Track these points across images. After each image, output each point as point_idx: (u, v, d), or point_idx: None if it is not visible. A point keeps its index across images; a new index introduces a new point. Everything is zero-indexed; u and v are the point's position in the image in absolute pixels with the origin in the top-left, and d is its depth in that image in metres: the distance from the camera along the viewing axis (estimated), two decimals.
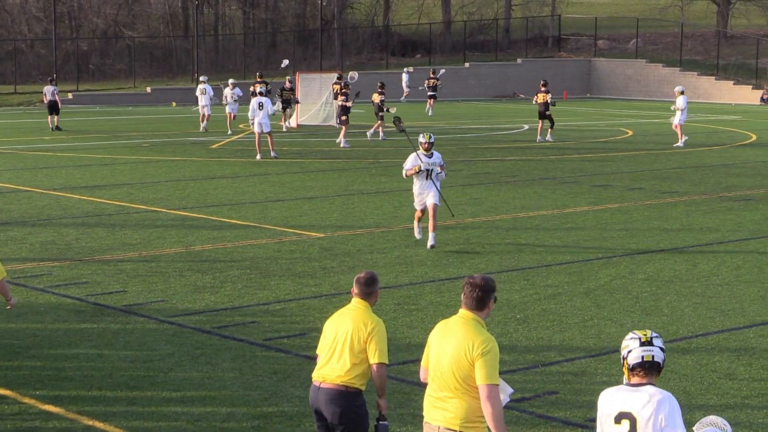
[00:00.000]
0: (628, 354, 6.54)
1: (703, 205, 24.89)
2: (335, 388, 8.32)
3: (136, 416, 10.95)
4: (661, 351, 6.51)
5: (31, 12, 74.20)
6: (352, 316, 8.46)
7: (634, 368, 6.50)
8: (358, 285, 8.59)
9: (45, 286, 16.41)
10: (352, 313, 8.50)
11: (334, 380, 8.33)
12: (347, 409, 8.32)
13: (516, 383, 11.99)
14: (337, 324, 8.52)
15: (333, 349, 8.40)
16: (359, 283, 8.59)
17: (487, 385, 7.39)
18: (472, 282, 7.64)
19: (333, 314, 8.77)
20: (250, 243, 19.88)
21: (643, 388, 6.46)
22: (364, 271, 8.72)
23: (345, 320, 8.48)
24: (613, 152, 36.59)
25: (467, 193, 26.38)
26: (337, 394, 8.32)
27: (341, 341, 8.38)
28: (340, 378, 8.32)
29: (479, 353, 7.42)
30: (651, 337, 6.56)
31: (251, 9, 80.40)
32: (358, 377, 8.35)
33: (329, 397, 8.32)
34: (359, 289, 8.56)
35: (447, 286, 16.56)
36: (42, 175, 29.29)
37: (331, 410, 8.31)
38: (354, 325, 8.39)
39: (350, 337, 8.35)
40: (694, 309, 15.39)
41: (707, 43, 78.19)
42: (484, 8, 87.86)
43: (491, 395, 7.39)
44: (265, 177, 29.10)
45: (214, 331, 14.06)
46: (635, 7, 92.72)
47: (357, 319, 8.43)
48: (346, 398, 8.31)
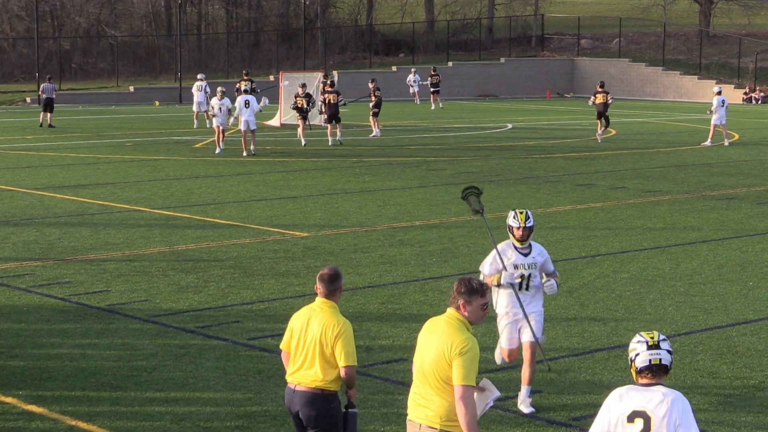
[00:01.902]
0: (636, 357, 6.56)
1: (686, 204, 24.96)
2: (310, 391, 8.32)
3: (119, 416, 10.93)
4: (668, 353, 6.55)
5: (13, 10, 73.95)
6: (319, 320, 8.35)
7: (642, 371, 6.53)
8: (321, 282, 8.41)
9: (28, 286, 16.36)
10: (318, 315, 8.38)
11: (309, 384, 8.32)
12: (323, 411, 8.34)
13: (500, 382, 11.99)
14: (304, 325, 8.43)
15: (304, 354, 8.37)
16: (323, 280, 8.40)
17: (461, 386, 7.39)
18: (462, 281, 7.68)
19: (299, 311, 8.64)
20: (234, 242, 19.86)
21: (654, 388, 6.50)
22: (327, 267, 8.51)
23: (312, 323, 8.37)
24: (597, 151, 36.67)
25: (451, 192, 26.38)
26: (313, 397, 8.32)
27: (311, 347, 8.34)
28: (314, 382, 8.30)
29: (457, 353, 7.43)
30: (658, 340, 6.58)
31: (234, 8, 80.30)
32: (332, 381, 8.35)
33: (305, 400, 8.33)
34: (324, 287, 8.41)
35: (431, 286, 16.56)
36: (24, 175, 29.20)
37: (306, 413, 8.33)
38: (322, 329, 8.31)
39: (320, 343, 8.30)
40: (677, 308, 15.43)
41: (690, 42, 78.43)
42: (468, 8, 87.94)
43: (465, 396, 7.39)
44: (248, 176, 29.06)
45: (197, 330, 14.04)
46: (618, 6, 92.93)
47: (324, 322, 8.33)
48: (322, 401, 8.32)
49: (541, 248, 11.58)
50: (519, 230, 11.41)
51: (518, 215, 11.58)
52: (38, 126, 43.09)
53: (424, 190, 26.86)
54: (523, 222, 11.47)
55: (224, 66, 69.87)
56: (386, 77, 68.98)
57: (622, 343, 13.53)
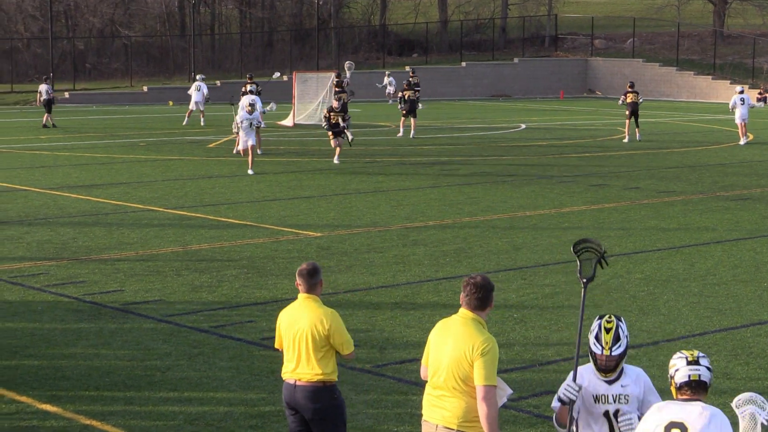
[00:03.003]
0: (675, 373, 6.67)
1: (700, 205, 24.90)
2: (312, 384, 8.44)
3: (133, 415, 10.95)
4: (707, 370, 6.64)
5: (27, 11, 74.11)
6: (307, 315, 8.51)
7: (681, 387, 6.62)
8: (301, 278, 8.58)
9: (42, 286, 16.39)
10: (305, 311, 8.54)
11: (311, 378, 8.41)
12: (327, 403, 8.46)
13: (513, 382, 11.99)
14: (292, 323, 8.58)
15: (298, 351, 8.50)
16: (302, 275, 8.57)
17: (484, 386, 7.40)
18: (474, 282, 7.66)
19: (286, 309, 8.78)
20: (248, 242, 19.87)
21: (693, 402, 6.56)
22: (306, 263, 8.67)
23: (301, 320, 8.53)
24: (611, 151, 36.60)
25: (464, 193, 26.38)
26: (316, 391, 8.44)
27: (304, 343, 8.48)
28: (315, 376, 8.41)
29: (479, 353, 7.43)
30: (698, 356, 6.69)
31: (248, 8, 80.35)
32: (331, 372, 8.48)
33: (307, 394, 8.42)
34: (304, 282, 8.57)
35: (444, 286, 16.55)
36: (39, 174, 29.27)
37: (311, 407, 8.41)
38: (311, 324, 8.46)
39: (311, 338, 8.45)
40: (692, 308, 15.40)
41: (704, 42, 78.23)
42: (481, 8, 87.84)
43: (488, 396, 7.40)
44: (262, 176, 29.08)
45: (211, 330, 14.06)
46: (632, 6, 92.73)
47: (312, 317, 8.49)
48: (325, 393, 8.47)
49: (639, 373, 7.71)
50: (603, 358, 7.51)
51: (602, 335, 7.57)
52: (41, 127, 43.16)
53: (437, 190, 26.84)
54: (609, 348, 7.50)
55: (237, 66, 69.91)
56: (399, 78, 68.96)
57: (636, 344, 13.51)
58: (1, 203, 24.28)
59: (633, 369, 7.67)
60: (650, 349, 13.35)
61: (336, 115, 31.94)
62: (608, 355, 7.46)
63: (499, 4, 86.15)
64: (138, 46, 73.03)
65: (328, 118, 32.00)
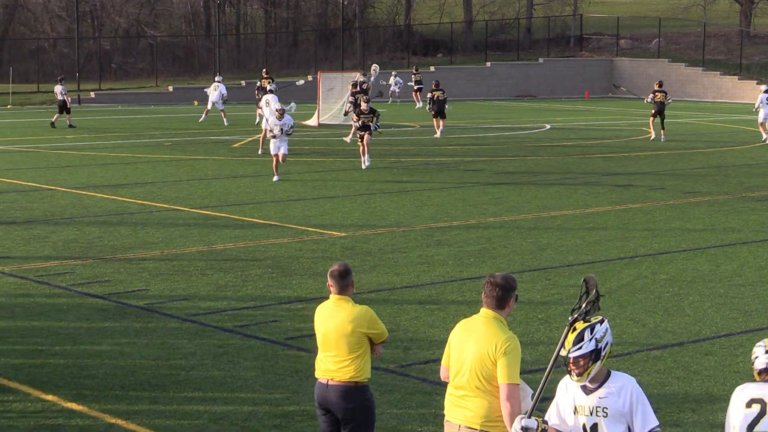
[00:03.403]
0: (755, 360, 7.18)
1: (726, 205, 24.79)
2: (344, 384, 8.47)
3: (157, 415, 10.98)
4: None
5: (53, 11, 74.47)
6: (341, 317, 8.53)
7: (761, 372, 7.11)
8: (333, 279, 8.61)
9: (67, 285, 16.46)
10: (339, 313, 8.57)
11: (343, 378, 8.44)
12: (359, 404, 8.50)
13: (537, 383, 11.95)
14: (325, 323, 8.63)
15: (331, 351, 8.52)
16: (334, 276, 8.60)
17: (507, 385, 7.41)
18: (493, 281, 7.65)
19: (320, 307, 8.79)
20: (272, 242, 19.90)
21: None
22: (337, 264, 8.68)
23: (334, 321, 8.56)
24: (635, 152, 36.49)
25: (489, 193, 26.35)
26: (348, 391, 8.48)
27: (338, 344, 8.51)
28: (348, 375, 8.43)
29: (502, 352, 7.43)
30: None
31: (273, 8, 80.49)
32: (362, 371, 8.53)
33: (340, 394, 8.46)
34: (336, 284, 8.60)
35: (468, 286, 16.54)
36: (64, 174, 29.40)
37: (343, 406, 8.46)
38: (346, 325, 8.50)
39: (346, 339, 8.48)
40: (717, 310, 15.33)
41: (730, 42, 77.88)
42: (506, 8, 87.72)
43: (511, 395, 7.41)
44: (286, 176, 29.11)
45: (236, 329, 14.08)
46: (658, 6, 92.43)
47: (347, 318, 8.52)
48: (357, 393, 8.51)
49: (625, 383, 6.89)
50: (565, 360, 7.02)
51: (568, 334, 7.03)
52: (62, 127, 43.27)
53: (461, 190, 26.82)
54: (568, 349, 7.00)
55: (262, 66, 69.92)
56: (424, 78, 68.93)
57: (661, 345, 13.47)
58: (28, 203, 24.40)
59: (620, 378, 6.88)
60: (675, 350, 13.30)
61: (366, 117, 31.08)
62: (565, 355, 7.00)
63: (524, 4, 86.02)
64: (163, 46, 73.26)
65: (359, 121, 31.14)
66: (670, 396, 11.58)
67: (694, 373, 12.34)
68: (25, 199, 24.87)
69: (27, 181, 27.82)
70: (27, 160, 32.69)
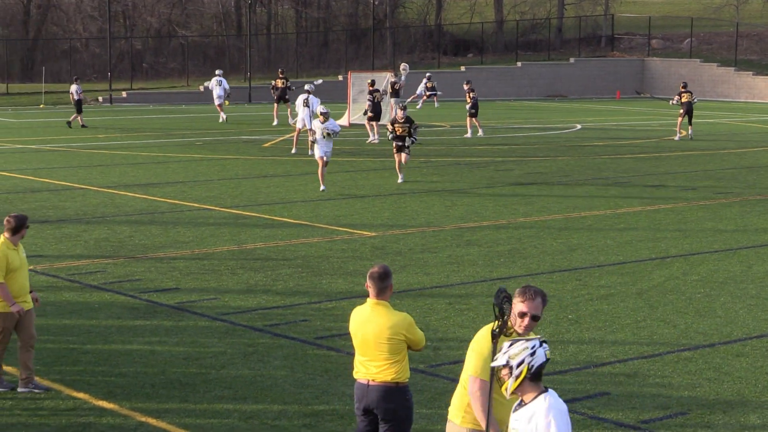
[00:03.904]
0: None
1: (758, 206, 24.64)
2: (385, 385, 8.49)
3: (188, 413, 11.02)
4: None
5: (86, 11, 74.85)
6: (380, 322, 8.50)
7: None
8: (372, 280, 8.53)
9: (99, 283, 16.55)
10: (377, 318, 8.53)
11: (385, 378, 8.45)
12: (400, 404, 8.55)
13: (567, 383, 11.95)
14: (362, 326, 8.60)
15: (371, 354, 8.51)
16: (373, 278, 8.52)
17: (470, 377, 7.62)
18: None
19: (356, 311, 8.74)
20: (302, 242, 19.94)
21: None
22: (378, 265, 8.62)
23: (372, 325, 8.53)
24: (667, 152, 36.33)
25: (519, 193, 26.30)
26: (389, 392, 8.51)
27: (378, 348, 8.50)
28: (389, 377, 8.44)
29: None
30: None
31: (304, 8, 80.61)
32: (403, 372, 8.55)
33: (381, 395, 8.47)
34: (374, 286, 8.52)
35: (498, 286, 16.48)
36: (96, 173, 29.54)
37: (383, 407, 8.49)
38: (385, 330, 8.48)
39: (387, 344, 8.47)
40: (749, 311, 15.25)
41: (763, 42, 77.40)
42: (537, 8, 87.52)
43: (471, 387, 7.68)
44: (316, 176, 29.12)
45: (266, 329, 14.12)
46: (690, 6, 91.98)
47: (386, 323, 8.50)
48: (398, 394, 8.53)
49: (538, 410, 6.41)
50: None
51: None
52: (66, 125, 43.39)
53: (492, 190, 26.78)
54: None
55: (293, 66, 70.14)
56: (454, 78, 68.87)
57: (692, 346, 13.41)
58: (60, 201, 24.54)
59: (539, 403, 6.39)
60: (706, 351, 13.24)
61: (401, 126, 27.73)
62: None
63: (555, 3, 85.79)
64: (194, 46, 73.49)
65: (393, 131, 27.76)
66: (701, 397, 11.52)
67: (725, 375, 12.28)
68: (57, 198, 25.01)
69: (59, 180, 27.98)
70: (59, 159, 32.87)
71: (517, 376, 6.41)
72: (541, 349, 6.47)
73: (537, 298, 7.38)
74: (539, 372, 6.43)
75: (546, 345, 6.52)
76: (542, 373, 6.46)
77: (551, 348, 7.70)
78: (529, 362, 6.41)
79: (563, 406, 6.41)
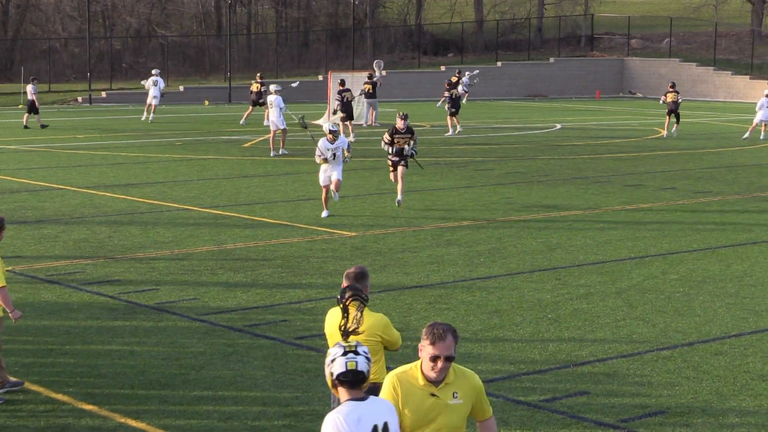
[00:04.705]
0: None
1: (737, 205, 24.75)
2: None
3: (167, 414, 11.00)
4: None
5: (65, 11, 74.61)
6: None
7: None
8: (348, 280, 8.52)
9: (78, 284, 16.50)
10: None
11: None
12: None
13: (547, 383, 11.98)
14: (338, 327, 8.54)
15: None
16: (349, 278, 8.52)
17: None
18: None
19: (330, 315, 8.72)
20: (282, 242, 19.92)
21: None
22: (355, 266, 8.64)
23: None
24: (646, 152, 36.44)
25: (499, 193, 26.33)
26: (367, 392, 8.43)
27: None
28: None
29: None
30: None
31: (284, 8, 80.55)
32: (380, 372, 8.55)
33: None
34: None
35: (478, 286, 16.53)
36: (75, 174, 29.45)
37: None
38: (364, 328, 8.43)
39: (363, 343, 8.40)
40: (728, 309, 15.31)
41: (741, 42, 77.73)
42: (517, 7, 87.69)
43: None
44: (297, 176, 29.14)
45: (245, 329, 14.10)
46: (669, 6, 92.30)
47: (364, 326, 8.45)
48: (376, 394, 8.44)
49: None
50: None
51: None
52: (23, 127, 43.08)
53: (471, 190, 26.81)
54: None
55: (273, 66, 70.10)
56: (434, 77, 68.94)
57: (671, 345, 13.46)
58: (39, 202, 24.45)
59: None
60: (685, 350, 13.28)
61: (401, 138, 23.95)
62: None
63: (535, 3, 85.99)
64: (174, 46, 73.35)
65: (391, 142, 23.94)
66: (680, 396, 11.56)
67: (704, 373, 12.32)
68: (36, 199, 24.93)
69: (38, 181, 27.88)
70: (38, 160, 32.76)
71: (328, 377, 6.44)
72: (342, 359, 6.37)
73: (447, 337, 6.78)
74: (347, 380, 6.37)
75: (353, 355, 6.39)
76: (353, 381, 6.36)
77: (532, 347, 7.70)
78: (330, 368, 6.42)
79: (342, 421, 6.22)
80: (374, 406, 6.40)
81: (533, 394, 11.53)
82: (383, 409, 6.45)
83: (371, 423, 6.30)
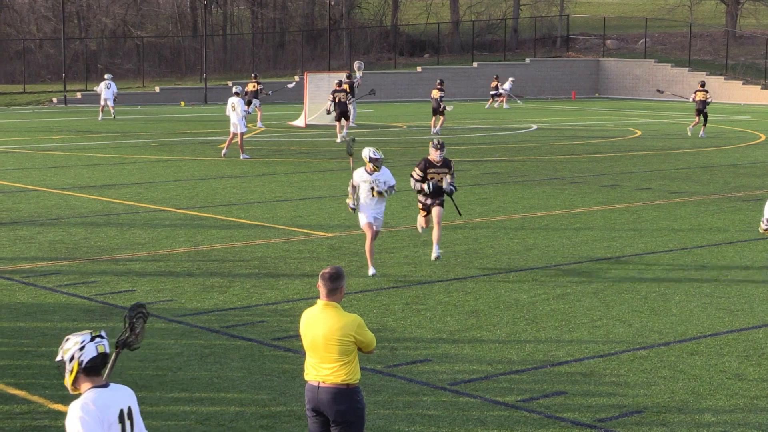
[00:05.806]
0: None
1: (712, 206, 24.86)
2: (336, 386, 8.44)
3: (144, 415, 10.89)
4: None
5: (39, 11, 74.30)
6: (330, 324, 8.45)
7: None
8: (323, 281, 8.49)
9: (54, 286, 16.43)
10: (327, 320, 8.48)
11: (334, 380, 8.41)
12: (350, 406, 8.48)
13: (524, 383, 12.00)
14: (313, 328, 8.54)
15: (321, 356, 8.46)
16: (324, 279, 8.49)
17: None
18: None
19: (306, 312, 8.68)
20: (259, 242, 19.89)
21: None
22: (330, 267, 8.60)
23: (322, 327, 8.47)
24: (622, 152, 36.55)
25: (476, 193, 26.37)
26: (339, 393, 8.46)
27: (328, 349, 8.45)
28: (340, 378, 8.41)
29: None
30: None
31: (259, 9, 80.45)
32: (353, 373, 8.51)
33: (331, 397, 8.43)
34: (324, 286, 8.49)
35: (455, 286, 16.54)
36: (51, 175, 29.33)
37: (334, 408, 8.44)
38: (335, 332, 8.43)
39: (337, 346, 8.41)
40: (703, 309, 15.37)
41: (716, 43, 78.09)
42: (493, 8, 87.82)
43: None
44: (273, 177, 29.11)
45: (222, 330, 14.07)
46: (644, 7, 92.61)
47: (334, 324, 8.45)
48: (348, 395, 8.48)
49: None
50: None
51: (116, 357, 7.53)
52: None
53: None
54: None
55: (249, 66, 69.98)
56: (411, 78, 69.00)
57: (647, 345, 13.50)
58: (14, 203, 24.35)
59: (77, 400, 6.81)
60: (661, 349, 13.33)
61: (437, 172, 18.29)
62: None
63: (510, 4, 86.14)
64: (150, 47, 73.15)
65: (423, 179, 18.28)
66: (657, 396, 11.60)
67: (680, 373, 12.37)
68: (11, 200, 24.81)
69: (13, 182, 27.76)
70: (13, 161, 32.61)
71: (70, 371, 6.76)
72: (92, 344, 6.76)
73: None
74: (93, 366, 6.76)
75: (100, 339, 6.83)
76: (99, 366, 6.75)
77: (509, 348, 7.71)
78: (79, 357, 6.75)
79: (92, 406, 6.59)
80: (117, 392, 6.81)
81: (510, 395, 11.54)
82: (126, 395, 6.86)
83: (117, 407, 6.74)
